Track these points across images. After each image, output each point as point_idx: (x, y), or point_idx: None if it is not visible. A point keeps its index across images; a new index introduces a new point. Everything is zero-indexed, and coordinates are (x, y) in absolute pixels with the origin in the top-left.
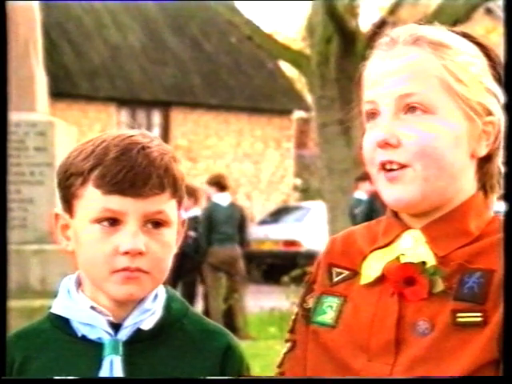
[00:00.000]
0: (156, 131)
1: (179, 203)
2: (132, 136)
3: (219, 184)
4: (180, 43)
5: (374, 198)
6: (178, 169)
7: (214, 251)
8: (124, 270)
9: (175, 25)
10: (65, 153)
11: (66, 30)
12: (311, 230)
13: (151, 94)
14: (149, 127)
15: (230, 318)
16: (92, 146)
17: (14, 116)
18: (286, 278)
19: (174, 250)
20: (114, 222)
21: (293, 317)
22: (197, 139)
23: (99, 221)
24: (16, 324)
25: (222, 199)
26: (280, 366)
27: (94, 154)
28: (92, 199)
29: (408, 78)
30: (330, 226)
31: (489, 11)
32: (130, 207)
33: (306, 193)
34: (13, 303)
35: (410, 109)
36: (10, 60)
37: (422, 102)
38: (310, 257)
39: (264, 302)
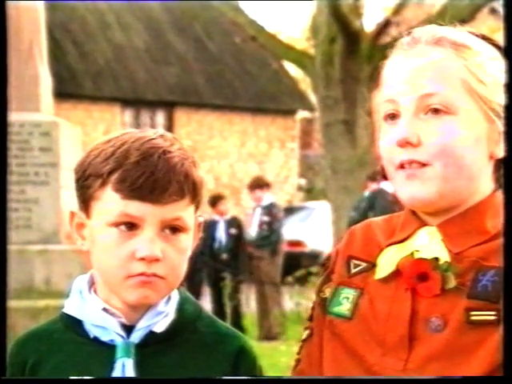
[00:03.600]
0: None
1: (197, 207)
2: (153, 139)
3: (267, 184)
4: (184, 43)
5: (375, 195)
6: (198, 174)
7: (281, 249)
8: (140, 275)
9: (179, 25)
10: (69, 153)
11: (71, 31)
12: (315, 230)
13: (155, 95)
14: (153, 127)
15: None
16: (112, 148)
17: (18, 116)
18: (290, 279)
19: (189, 253)
20: (131, 226)
21: (311, 305)
22: (201, 139)
23: (117, 225)
24: (21, 324)
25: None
26: (298, 352)
27: (115, 157)
28: (110, 202)
29: (430, 77)
30: (334, 226)
31: (493, 11)
32: (149, 213)
33: (310, 193)
34: (17, 303)
35: (431, 109)
36: (14, 61)
37: (443, 103)
38: (314, 257)
39: None
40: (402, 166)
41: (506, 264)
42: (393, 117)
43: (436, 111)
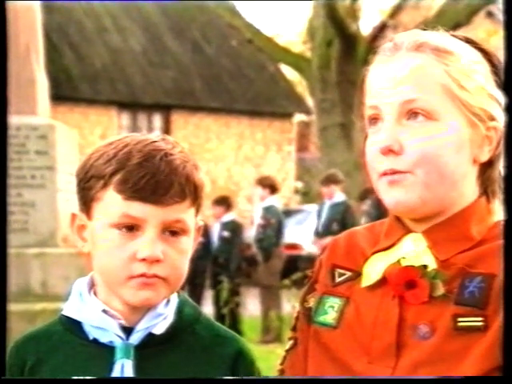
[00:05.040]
0: None
1: (197, 210)
2: (155, 142)
3: (273, 186)
4: (181, 46)
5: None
6: (199, 177)
7: (279, 253)
8: (141, 276)
9: (176, 28)
10: (66, 156)
11: (67, 34)
12: (312, 233)
13: (152, 98)
14: (150, 131)
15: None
16: (114, 150)
17: (15, 119)
18: (287, 281)
19: (190, 256)
20: (132, 227)
21: (294, 315)
22: (198, 142)
23: (118, 226)
24: (17, 328)
25: (277, 202)
26: (282, 363)
27: (117, 158)
28: (112, 204)
29: (411, 84)
30: None
31: (490, 14)
32: (150, 214)
33: (306, 196)
34: (14, 307)
35: (413, 115)
36: (11, 64)
37: (424, 108)
38: (311, 260)
39: None
40: (384, 173)
41: (506, 264)
42: (376, 123)
43: (418, 117)
